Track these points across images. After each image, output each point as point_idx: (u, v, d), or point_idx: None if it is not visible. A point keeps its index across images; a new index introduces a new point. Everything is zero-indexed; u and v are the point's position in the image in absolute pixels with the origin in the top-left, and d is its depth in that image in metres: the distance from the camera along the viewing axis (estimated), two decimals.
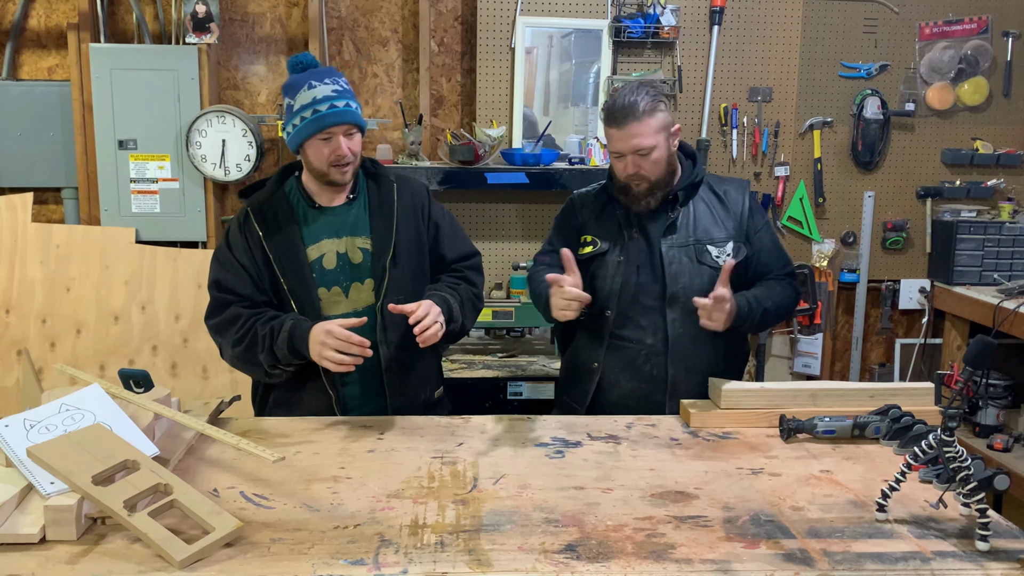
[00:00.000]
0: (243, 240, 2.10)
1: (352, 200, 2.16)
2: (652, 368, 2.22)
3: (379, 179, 2.20)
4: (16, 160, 3.44)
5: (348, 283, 2.11)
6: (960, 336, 3.59)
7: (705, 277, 2.19)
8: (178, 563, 1.32)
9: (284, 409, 2.14)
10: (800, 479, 1.70)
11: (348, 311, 2.10)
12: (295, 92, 2.05)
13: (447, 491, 1.63)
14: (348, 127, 2.04)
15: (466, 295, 2.18)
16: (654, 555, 1.38)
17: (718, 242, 2.23)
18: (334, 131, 2.02)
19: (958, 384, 1.48)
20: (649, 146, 2.12)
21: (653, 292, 2.21)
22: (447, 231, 2.24)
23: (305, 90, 2.03)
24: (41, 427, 1.58)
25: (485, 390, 3.15)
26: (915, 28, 3.63)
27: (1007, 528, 1.50)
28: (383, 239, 2.12)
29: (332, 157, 2.04)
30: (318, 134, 2.02)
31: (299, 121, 2.04)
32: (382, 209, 2.15)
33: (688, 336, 2.20)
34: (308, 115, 2.02)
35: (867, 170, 3.72)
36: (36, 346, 3.28)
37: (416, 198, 2.21)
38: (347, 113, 2.03)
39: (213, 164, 3.37)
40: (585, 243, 2.29)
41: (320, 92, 2.02)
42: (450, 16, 3.58)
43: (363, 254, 2.12)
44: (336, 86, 2.05)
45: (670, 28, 3.46)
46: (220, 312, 2.09)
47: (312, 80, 2.04)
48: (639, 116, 2.11)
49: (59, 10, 3.46)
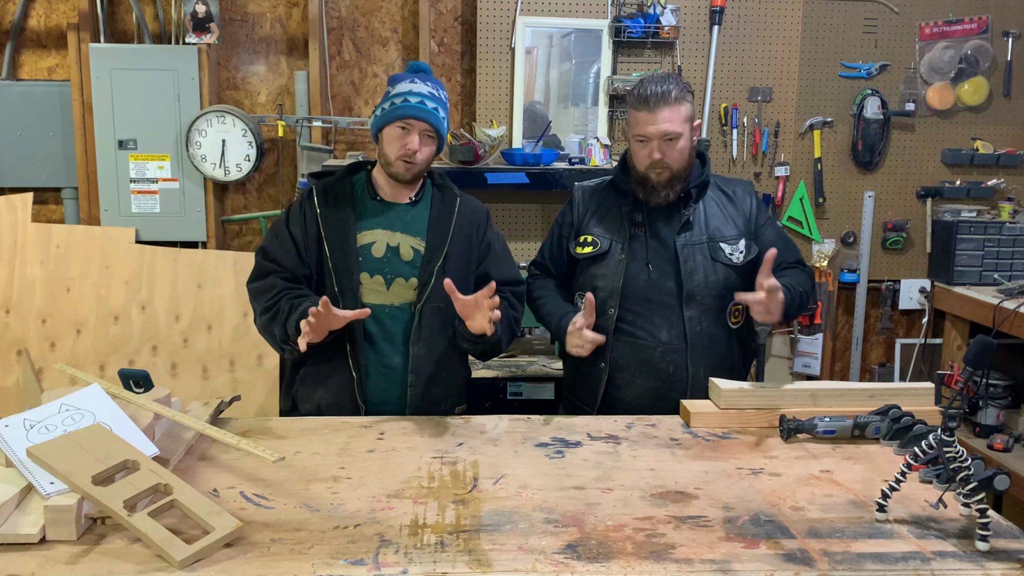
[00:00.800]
0: (301, 214, 2.17)
1: (415, 202, 2.21)
2: (669, 366, 2.22)
3: (444, 191, 2.26)
4: (16, 160, 3.45)
5: (392, 276, 2.14)
6: (960, 336, 3.58)
7: (720, 274, 2.22)
8: (178, 563, 1.32)
9: (310, 385, 2.17)
10: (800, 479, 1.70)
11: (385, 303, 2.14)
12: (397, 82, 2.14)
13: (447, 491, 1.63)
14: (428, 128, 2.11)
15: (509, 315, 2.20)
16: (654, 555, 1.38)
17: (730, 239, 2.24)
18: (413, 124, 2.09)
19: (958, 384, 1.48)
20: (678, 132, 2.14)
21: (667, 289, 2.22)
22: (498, 253, 2.28)
23: (407, 82, 2.12)
24: (41, 427, 1.58)
25: (485, 390, 3.15)
26: (915, 28, 3.63)
27: (1007, 528, 1.50)
28: (437, 244, 2.16)
29: (402, 149, 2.09)
30: (398, 121, 2.09)
31: (388, 105, 2.12)
32: (442, 217, 2.20)
33: (706, 334, 2.22)
34: (398, 101, 2.10)
35: (867, 170, 3.72)
36: (36, 346, 3.28)
37: (475, 216, 2.26)
38: (432, 113, 2.10)
39: (213, 164, 3.37)
40: (584, 243, 2.29)
41: (418, 88, 2.11)
42: (450, 16, 3.58)
43: (414, 253, 2.16)
44: (435, 91, 2.13)
45: (670, 28, 3.46)
46: (260, 279, 2.15)
47: (417, 78, 2.13)
48: (671, 102, 2.12)
49: (59, 10, 3.46)
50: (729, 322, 2.27)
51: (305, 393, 2.18)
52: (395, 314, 2.14)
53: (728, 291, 2.22)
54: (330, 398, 2.13)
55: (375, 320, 2.13)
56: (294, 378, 2.22)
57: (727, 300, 2.23)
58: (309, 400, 2.17)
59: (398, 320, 2.13)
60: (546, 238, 2.44)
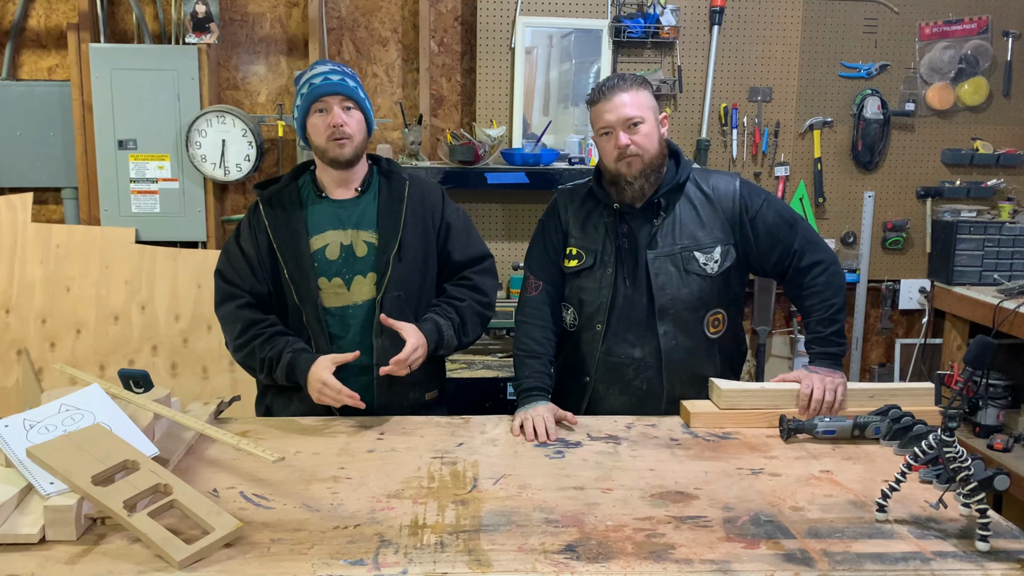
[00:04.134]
0: (250, 230, 2.16)
1: (361, 194, 2.18)
2: (642, 382, 2.19)
3: (392, 176, 2.22)
4: (16, 160, 3.44)
5: (351, 276, 2.13)
6: (960, 336, 3.58)
7: (694, 287, 2.14)
8: (178, 563, 1.32)
9: (286, 395, 2.15)
10: (800, 479, 1.70)
11: (348, 303, 2.12)
12: (299, 79, 2.14)
13: (447, 491, 1.63)
14: (343, 99, 2.08)
15: (469, 311, 2.18)
16: (654, 555, 1.38)
17: (705, 247, 2.15)
18: (329, 101, 2.07)
19: (958, 384, 1.48)
20: (638, 116, 2.06)
21: (641, 305, 2.16)
22: (459, 232, 2.24)
23: (306, 73, 2.13)
24: (41, 427, 1.58)
25: (485, 390, 3.15)
26: (915, 28, 3.63)
27: (1007, 528, 1.50)
28: (389, 234, 2.13)
29: (328, 130, 2.07)
30: (314, 105, 2.08)
31: (299, 100, 2.11)
32: (391, 204, 2.16)
33: (681, 348, 2.16)
34: (304, 90, 2.10)
35: (867, 170, 3.72)
36: (36, 346, 3.28)
37: (429, 197, 2.22)
38: (340, 84, 2.08)
39: (213, 164, 3.37)
40: (570, 255, 2.23)
41: (318, 70, 2.12)
42: (450, 16, 3.58)
43: (368, 247, 2.14)
44: (336, 68, 2.12)
45: (670, 28, 3.46)
46: (223, 303, 2.15)
47: (316, 64, 2.14)
48: (627, 88, 2.07)
49: (59, 10, 3.46)
50: (707, 332, 2.19)
51: (282, 403, 2.17)
52: (357, 312, 2.13)
53: (703, 302, 2.16)
54: (304, 408, 2.11)
55: (339, 322, 2.12)
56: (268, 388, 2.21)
57: (703, 311, 2.17)
58: (286, 410, 2.16)
59: (360, 317, 2.12)
60: (532, 245, 2.33)
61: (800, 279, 2.18)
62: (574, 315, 2.24)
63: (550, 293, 2.26)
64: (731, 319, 2.23)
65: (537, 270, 2.28)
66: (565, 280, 2.26)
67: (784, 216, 2.20)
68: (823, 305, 2.14)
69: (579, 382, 2.25)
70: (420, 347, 2.03)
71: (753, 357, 3.76)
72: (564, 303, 2.27)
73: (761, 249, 2.18)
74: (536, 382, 2.14)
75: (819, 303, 2.15)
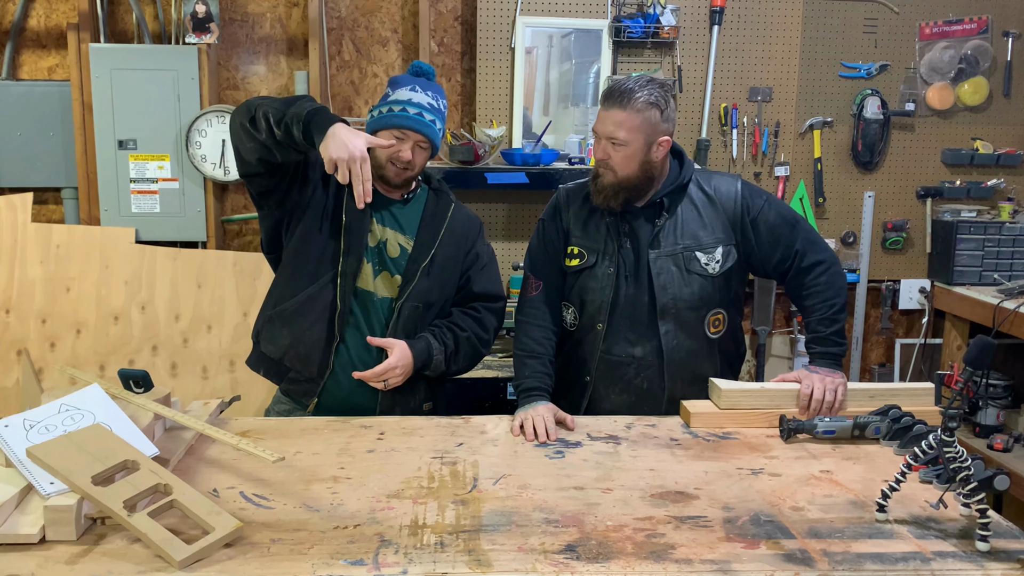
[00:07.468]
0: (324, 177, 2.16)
1: (407, 200, 2.22)
2: (643, 382, 2.19)
3: (441, 195, 2.26)
4: (16, 160, 3.44)
5: (380, 268, 2.16)
6: (960, 336, 3.58)
7: (695, 287, 2.15)
8: (178, 563, 1.32)
9: (281, 326, 2.14)
10: (800, 479, 1.70)
11: (371, 290, 2.15)
12: (398, 86, 2.14)
13: (447, 491, 1.63)
14: (423, 139, 2.11)
15: (465, 341, 2.21)
16: (654, 555, 1.38)
17: (707, 248, 2.16)
18: (409, 135, 2.09)
19: (958, 384, 1.48)
20: (622, 139, 2.06)
21: (642, 304, 2.17)
22: (484, 266, 2.29)
23: (407, 89, 2.12)
24: (41, 427, 1.58)
25: (485, 390, 3.15)
26: (915, 28, 3.63)
27: (1007, 528, 1.50)
28: (426, 244, 2.18)
29: (395, 155, 2.09)
30: (394, 129, 2.09)
31: (386, 110, 2.12)
32: (435, 218, 2.21)
33: (683, 348, 2.17)
34: (396, 109, 2.11)
35: (867, 170, 3.72)
36: (36, 346, 3.28)
37: (468, 225, 2.28)
38: (428, 126, 2.11)
39: (213, 164, 3.37)
40: (572, 255, 2.24)
41: (417, 98, 2.11)
42: (450, 16, 3.58)
43: (401, 250, 2.17)
44: (434, 101, 2.14)
45: (670, 28, 3.46)
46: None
47: (418, 85, 2.13)
48: (626, 106, 2.05)
49: (59, 10, 3.46)
50: (708, 332, 2.19)
51: (272, 333, 2.16)
52: (377, 304, 2.15)
53: (704, 302, 2.17)
54: (301, 349, 2.12)
55: (360, 303, 2.14)
56: (270, 316, 2.18)
57: (704, 311, 2.17)
58: (275, 341, 2.15)
59: (378, 311, 2.15)
60: (532, 245, 2.33)
61: (801, 279, 2.18)
62: (575, 314, 2.25)
63: (550, 293, 2.27)
64: (731, 319, 2.24)
65: (537, 270, 2.29)
66: (566, 279, 2.27)
67: (785, 217, 2.21)
68: (824, 305, 2.15)
69: (579, 381, 2.25)
70: (400, 368, 2.08)
71: (753, 357, 3.76)
72: (565, 302, 2.28)
73: (763, 250, 2.19)
74: (536, 382, 2.15)
75: (820, 303, 2.15)
